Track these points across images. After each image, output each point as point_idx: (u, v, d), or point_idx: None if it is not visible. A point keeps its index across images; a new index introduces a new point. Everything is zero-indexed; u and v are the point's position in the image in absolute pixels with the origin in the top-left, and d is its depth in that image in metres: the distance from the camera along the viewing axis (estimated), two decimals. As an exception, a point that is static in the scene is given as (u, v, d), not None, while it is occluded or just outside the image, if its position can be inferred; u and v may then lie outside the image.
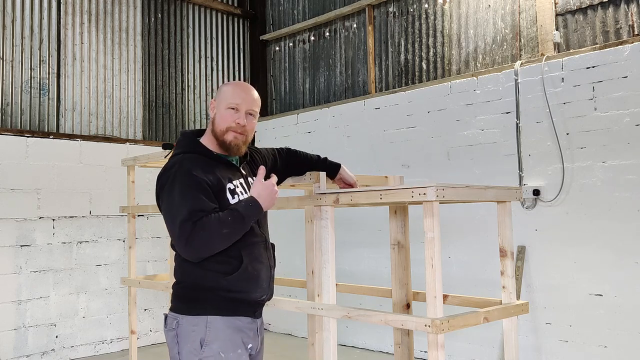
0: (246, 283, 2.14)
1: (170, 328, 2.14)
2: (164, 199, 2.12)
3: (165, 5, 7.11)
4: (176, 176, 2.10)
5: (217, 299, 2.10)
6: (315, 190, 2.77)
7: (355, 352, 6.08)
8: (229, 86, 2.30)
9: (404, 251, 3.11)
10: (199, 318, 2.09)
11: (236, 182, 2.22)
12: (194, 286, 2.12)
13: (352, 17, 6.89)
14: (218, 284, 2.10)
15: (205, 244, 2.00)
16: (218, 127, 2.23)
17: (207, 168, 2.15)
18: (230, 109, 2.22)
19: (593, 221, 4.67)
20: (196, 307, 2.11)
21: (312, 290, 3.03)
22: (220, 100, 2.25)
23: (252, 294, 2.17)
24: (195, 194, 2.04)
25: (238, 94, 2.25)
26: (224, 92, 2.27)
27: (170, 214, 2.06)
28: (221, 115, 2.23)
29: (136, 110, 6.76)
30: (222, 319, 2.10)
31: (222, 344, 2.09)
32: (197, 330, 2.08)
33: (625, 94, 4.56)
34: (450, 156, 5.61)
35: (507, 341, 2.63)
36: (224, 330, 2.10)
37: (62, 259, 5.89)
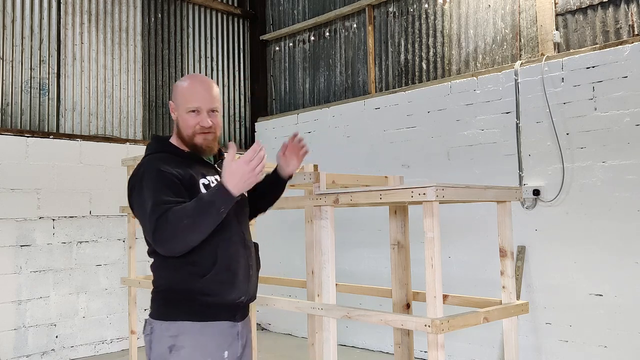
0: (221, 285, 2.02)
1: (146, 333, 2.08)
2: (135, 200, 2.04)
3: (165, 5, 7.11)
4: (144, 175, 2.02)
5: (191, 303, 2.01)
6: (315, 190, 2.77)
7: (355, 352, 6.08)
8: (185, 85, 2.16)
9: (404, 251, 3.11)
10: (171, 324, 2.01)
11: (211, 178, 2.12)
12: (167, 290, 2.05)
13: (352, 17, 6.89)
14: (192, 287, 2.00)
15: (171, 236, 1.87)
16: (184, 132, 2.13)
17: (177, 165, 2.07)
18: (191, 111, 2.11)
19: (593, 221, 4.67)
20: (169, 313, 2.03)
21: (312, 290, 3.03)
22: (179, 103, 2.14)
23: (228, 296, 2.05)
24: (160, 187, 1.95)
25: (195, 95, 2.12)
26: (181, 92, 2.15)
27: (140, 212, 1.99)
28: (184, 120, 2.12)
29: (136, 110, 6.76)
30: (194, 325, 2.00)
31: (191, 351, 1.99)
32: (167, 335, 2.00)
33: (625, 94, 4.56)
34: (450, 156, 5.61)
35: (507, 341, 2.63)
36: (195, 337, 1.99)
37: (62, 259, 5.89)
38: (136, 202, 2.03)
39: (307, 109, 7.16)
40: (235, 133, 7.79)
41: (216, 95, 2.17)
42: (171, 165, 2.05)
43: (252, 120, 7.87)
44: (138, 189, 2.02)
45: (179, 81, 2.21)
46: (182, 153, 2.14)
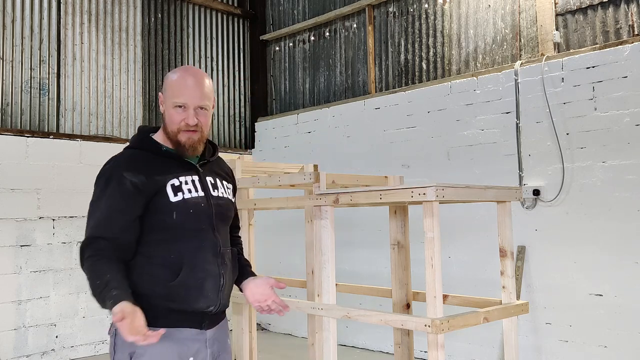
0: (187, 292, 1.92)
1: (111, 334, 1.98)
2: (92, 199, 1.98)
3: (165, 5, 7.11)
4: (105, 174, 1.96)
5: (154, 308, 1.89)
6: (315, 190, 2.77)
7: (355, 352, 6.08)
8: (174, 78, 2.03)
9: (404, 251, 3.11)
10: None
11: (186, 179, 2.01)
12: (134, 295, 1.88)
13: (352, 17, 6.89)
14: (155, 292, 1.91)
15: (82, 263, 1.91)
16: (169, 128, 2.02)
17: (146, 166, 1.96)
18: (177, 106, 1.99)
19: (593, 221, 4.67)
20: None
21: (312, 290, 3.04)
22: (167, 96, 2.02)
23: (195, 304, 1.94)
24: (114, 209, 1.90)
25: (183, 90, 1.99)
26: (169, 85, 2.02)
27: (88, 216, 1.96)
28: (169, 115, 2.00)
29: (136, 110, 6.76)
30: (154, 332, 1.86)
31: (152, 357, 1.90)
32: (128, 343, 1.83)
33: (625, 94, 4.56)
34: (450, 156, 5.61)
35: (507, 341, 2.63)
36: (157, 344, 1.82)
37: (62, 259, 5.89)
38: (91, 201, 1.98)
39: (307, 109, 7.16)
40: (235, 133, 7.79)
41: (207, 91, 2.03)
42: (140, 167, 1.96)
43: (252, 120, 7.87)
44: (96, 185, 1.98)
45: (170, 72, 2.08)
46: (160, 150, 2.03)
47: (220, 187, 2.13)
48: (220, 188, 2.13)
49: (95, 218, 1.93)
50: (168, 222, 1.95)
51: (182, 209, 1.97)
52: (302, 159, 6.88)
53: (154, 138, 2.08)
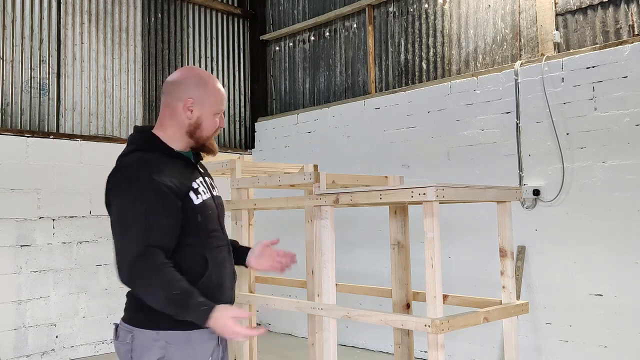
0: (211, 292, 1.94)
1: (124, 341, 1.92)
2: (117, 205, 1.90)
3: (165, 5, 7.11)
4: (133, 179, 1.88)
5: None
6: (315, 190, 2.77)
7: (355, 352, 6.08)
8: (213, 87, 2.05)
9: (404, 251, 3.11)
10: (159, 333, 1.89)
11: (198, 181, 2.03)
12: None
13: (352, 17, 6.89)
14: None
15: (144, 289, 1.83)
16: (205, 134, 2.04)
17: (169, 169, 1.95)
18: (217, 114, 2.05)
19: (593, 221, 4.67)
20: (156, 321, 1.88)
21: (312, 290, 3.04)
22: (207, 104, 2.03)
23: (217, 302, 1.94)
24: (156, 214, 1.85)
25: (223, 97, 2.07)
26: (210, 94, 2.04)
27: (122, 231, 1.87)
28: (208, 122, 2.04)
29: (136, 110, 6.76)
30: (183, 334, 1.90)
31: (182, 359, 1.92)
32: (157, 346, 1.88)
33: (625, 94, 4.56)
34: (450, 156, 5.61)
35: (507, 341, 2.63)
36: (184, 347, 1.90)
37: (62, 259, 5.89)
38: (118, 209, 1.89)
39: (307, 109, 7.16)
40: (235, 133, 7.79)
41: None
42: (163, 170, 1.92)
43: (252, 120, 7.87)
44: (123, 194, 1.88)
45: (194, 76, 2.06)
46: (173, 152, 2.02)
47: (215, 187, 2.20)
48: (215, 187, 2.20)
49: (139, 227, 1.85)
50: (193, 225, 1.97)
51: (203, 211, 2.01)
52: (302, 159, 6.88)
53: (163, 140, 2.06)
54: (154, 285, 1.82)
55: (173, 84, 2.06)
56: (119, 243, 1.88)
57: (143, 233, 1.84)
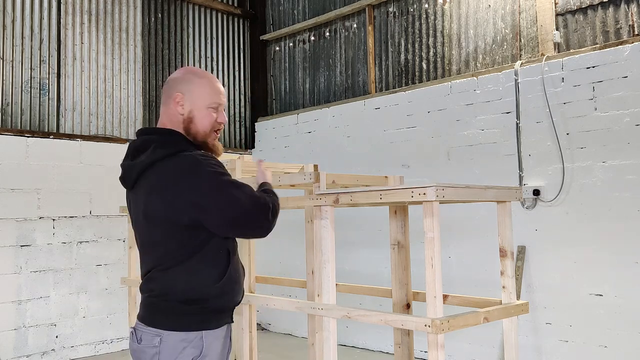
0: (233, 286, 2.02)
1: (149, 345, 1.91)
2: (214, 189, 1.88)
3: (165, 5, 7.11)
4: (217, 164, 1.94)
5: (204, 311, 1.95)
6: (315, 190, 2.77)
7: (355, 352, 6.08)
8: (203, 80, 2.05)
9: (404, 251, 3.11)
10: (189, 334, 1.91)
11: None
12: (180, 299, 1.92)
13: (352, 17, 6.89)
14: (206, 293, 1.94)
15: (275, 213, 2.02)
16: (201, 129, 2.02)
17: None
18: (212, 108, 2.03)
19: (593, 221, 4.67)
20: (186, 322, 1.92)
21: (312, 290, 3.03)
22: (197, 97, 2.02)
23: (237, 296, 2.07)
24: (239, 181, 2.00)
25: (217, 90, 2.05)
26: (199, 87, 2.03)
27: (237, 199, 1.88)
28: (203, 116, 2.02)
29: (136, 110, 6.76)
30: (212, 332, 1.97)
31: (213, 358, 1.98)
32: (189, 347, 1.90)
33: (625, 94, 4.56)
34: (450, 156, 5.61)
35: (507, 341, 2.63)
36: (213, 344, 1.97)
37: (62, 259, 5.89)
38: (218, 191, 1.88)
39: (307, 109, 7.16)
40: (235, 133, 7.79)
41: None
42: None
43: (252, 120, 7.87)
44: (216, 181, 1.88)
45: (187, 73, 2.08)
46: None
47: None
48: None
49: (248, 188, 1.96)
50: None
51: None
52: (302, 159, 6.88)
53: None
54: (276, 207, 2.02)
55: (167, 83, 2.09)
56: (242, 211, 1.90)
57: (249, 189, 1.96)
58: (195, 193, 1.87)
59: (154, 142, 1.99)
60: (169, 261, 1.95)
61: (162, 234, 1.95)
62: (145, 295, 2.00)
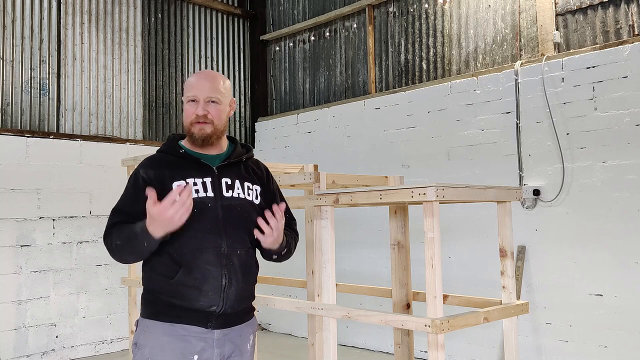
0: (185, 291, 1.98)
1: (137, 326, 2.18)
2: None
3: (165, 5, 7.11)
4: (133, 172, 2.15)
5: (158, 302, 2.03)
6: (315, 190, 2.77)
7: (355, 352, 6.08)
8: (190, 79, 2.18)
9: (404, 251, 3.11)
10: (143, 320, 2.08)
11: (195, 180, 2.05)
12: (146, 289, 2.12)
13: (352, 17, 6.89)
14: (160, 287, 2.03)
15: (110, 248, 2.07)
16: (184, 123, 2.15)
17: (159, 165, 2.09)
18: (190, 101, 2.12)
19: (593, 221, 4.67)
20: (143, 310, 2.11)
21: (312, 290, 3.03)
22: (184, 95, 2.17)
23: (196, 303, 1.99)
24: (127, 194, 2.09)
25: (194, 85, 2.12)
26: (186, 85, 2.18)
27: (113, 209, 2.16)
28: (184, 110, 2.15)
29: (136, 110, 6.76)
30: (159, 325, 2.01)
31: (152, 350, 1.99)
32: (137, 332, 2.09)
33: (625, 94, 4.56)
34: (450, 156, 5.61)
35: (507, 341, 2.63)
36: (156, 337, 2.00)
37: (62, 259, 5.89)
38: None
39: (307, 109, 7.16)
40: (235, 133, 7.79)
41: (218, 86, 2.13)
42: (156, 166, 2.10)
43: (252, 120, 7.87)
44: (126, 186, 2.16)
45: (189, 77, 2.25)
46: (178, 153, 2.14)
47: (237, 188, 2.13)
48: (237, 189, 2.13)
49: (113, 209, 2.11)
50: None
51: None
52: (302, 159, 6.88)
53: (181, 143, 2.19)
54: (118, 245, 2.03)
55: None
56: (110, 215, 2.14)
57: (111, 214, 2.10)
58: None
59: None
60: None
61: None
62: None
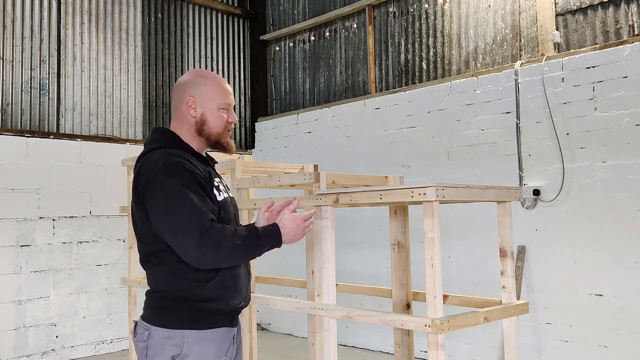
0: (225, 290, 1.99)
1: (140, 339, 1.99)
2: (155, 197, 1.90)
3: (165, 5, 7.11)
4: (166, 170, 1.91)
5: (193, 310, 1.95)
6: (315, 190, 2.77)
7: (355, 352, 6.08)
8: (212, 82, 2.11)
9: (404, 251, 3.11)
10: (174, 332, 1.94)
11: (216, 180, 2.09)
12: (168, 296, 1.97)
13: (352, 17, 6.89)
14: (194, 294, 1.95)
15: (216, 251, 1.86)
16: (212, 129, 2.08)
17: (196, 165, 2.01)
18: (221, 108, 2.09)
19: (593, 221, 4.67)
20: (171, 319, 1.95)
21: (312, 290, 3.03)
22: (207, 99, 2.07)
23: (231, 301, 2.02)
24: (197, 192, 1.90)
25: (226, 92, 2.10)
26: (210, 89, 2.08)
27: (176, 217, 1.86)
28: (215, 117, 2.08)
29: (136, 110, 6.76)
30: (197, 333, 1.95)
31: (194, 359, 1.95)
32: (171, 344, 1.93)
33: (625, 94, 4.56)
34: (450, 156, 5.61)
35: (507, 341, 2.63)
36: (198, 345, 1.95)
37: (62, 259, 5.89)
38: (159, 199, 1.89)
39: (307, 109, 7.16)
40: (235, 133, 7.79)
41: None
42: (195, 164, 1.99)
43: (252, 120, 7.87)
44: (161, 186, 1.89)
45: (196, 76, 2.12)
46: (192, 151, 2.08)
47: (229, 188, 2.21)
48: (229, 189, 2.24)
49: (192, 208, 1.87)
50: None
51: (225, 208, 2.05)
52: (302, 159, 6.88)
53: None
54: (226, 249, 1.88)
55: (177, 87, 2.15)
56: (178, 230, 1.87)
57: (197, 213, 1.87)
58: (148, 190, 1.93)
59: (149, 138, 2.12)
60: (154, 260, 2.00)
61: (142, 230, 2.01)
62: (146, 291, 2.09)
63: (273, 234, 1.98)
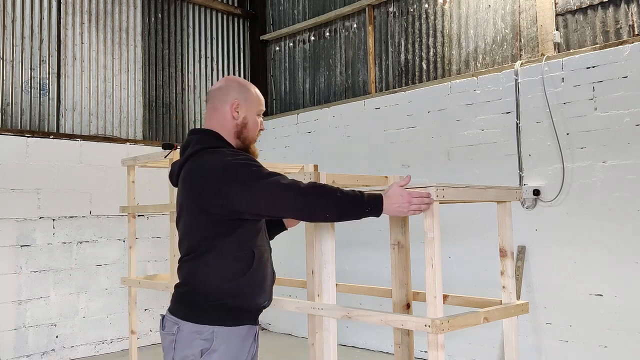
0: (253, 288, 2.06)
1: (169, 332, 2.05)
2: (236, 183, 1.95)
3: (165, 5, 7.11)
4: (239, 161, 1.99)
5: (222, 307, 2.01)
6: (315, 190, 2.76)
7: (355, 352, 6.08)
8: (253, 89, 2.22)
9: (404, 251, 3.11)
10: (203, 327, 2.00)
11: None
12: (198, 291, 2.03)
13: (352, 17, 6.89)
14: (223, 290, 2.01)
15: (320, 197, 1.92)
16: (251, 134, 2.19)
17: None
18: (258, 115, 2.22)
19: (593, 221, 4.67)
20: (201, 315, 2.01)
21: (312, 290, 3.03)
22: (250, 105, 2.19)
23: (257, 299, 2.09)
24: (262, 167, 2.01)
25: (262, 99, 2.24)
26: (250, 94, 2.20)
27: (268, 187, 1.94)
28: (254, 122, 2.20)
29: (136, 110, 6.76)
30: (226, 329, 2.01)
31: (222, 355, 2.01)
32: (200, 338, 1.99)
33: (625, 94, 4.56)
34: (450, 156, 5.61)
35: (507, 341, 2.63)
36: (226, 341, 2.01)
37: (62, 259, 5.89)
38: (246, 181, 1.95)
39: (307, 109, 7.15)
40: (235, 133, 7.80)
41: None
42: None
43: (252, 120, 7.86)
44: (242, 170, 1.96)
45: (237, 82, 2.22)
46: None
47: None
48: None
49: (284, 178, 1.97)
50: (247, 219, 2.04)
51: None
52: (302, 159, 6.88)
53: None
54: (329, 196, 1.94)
55: (219, 89, 2.21)
56: (278, 193, 1.94)
57: (289, 178, 1.97)
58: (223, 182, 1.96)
59: (195, 139, 2.13)
60: (192, 253, 2.06)
61: (189, 225, 2.07)
62: (175, 285, 2.13)
63: (376, 198, 2.01)
